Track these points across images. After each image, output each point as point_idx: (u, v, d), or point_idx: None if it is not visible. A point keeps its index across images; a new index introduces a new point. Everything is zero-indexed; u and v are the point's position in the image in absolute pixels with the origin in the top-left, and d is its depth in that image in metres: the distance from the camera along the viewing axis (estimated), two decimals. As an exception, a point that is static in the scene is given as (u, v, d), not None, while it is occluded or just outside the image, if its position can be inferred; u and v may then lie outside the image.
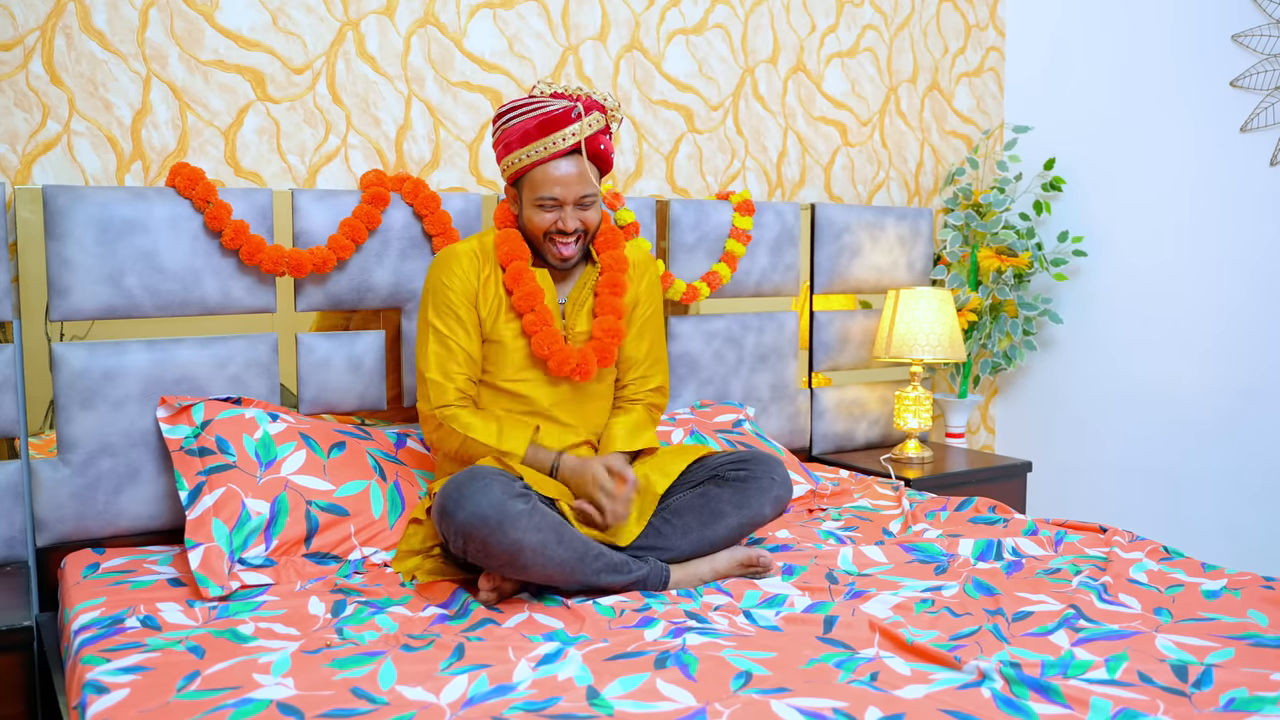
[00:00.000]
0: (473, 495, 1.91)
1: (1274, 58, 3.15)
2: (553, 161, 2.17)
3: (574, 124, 2.15)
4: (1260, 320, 3.22)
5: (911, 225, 3.49)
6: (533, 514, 1.92)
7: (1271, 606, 1.96)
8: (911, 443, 3.27)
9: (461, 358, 2.23)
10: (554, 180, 2.17)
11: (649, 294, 2.41)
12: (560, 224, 2.20)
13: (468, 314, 2.24)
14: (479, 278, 2.25)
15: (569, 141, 2.16)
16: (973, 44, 3.82)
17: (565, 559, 1.94)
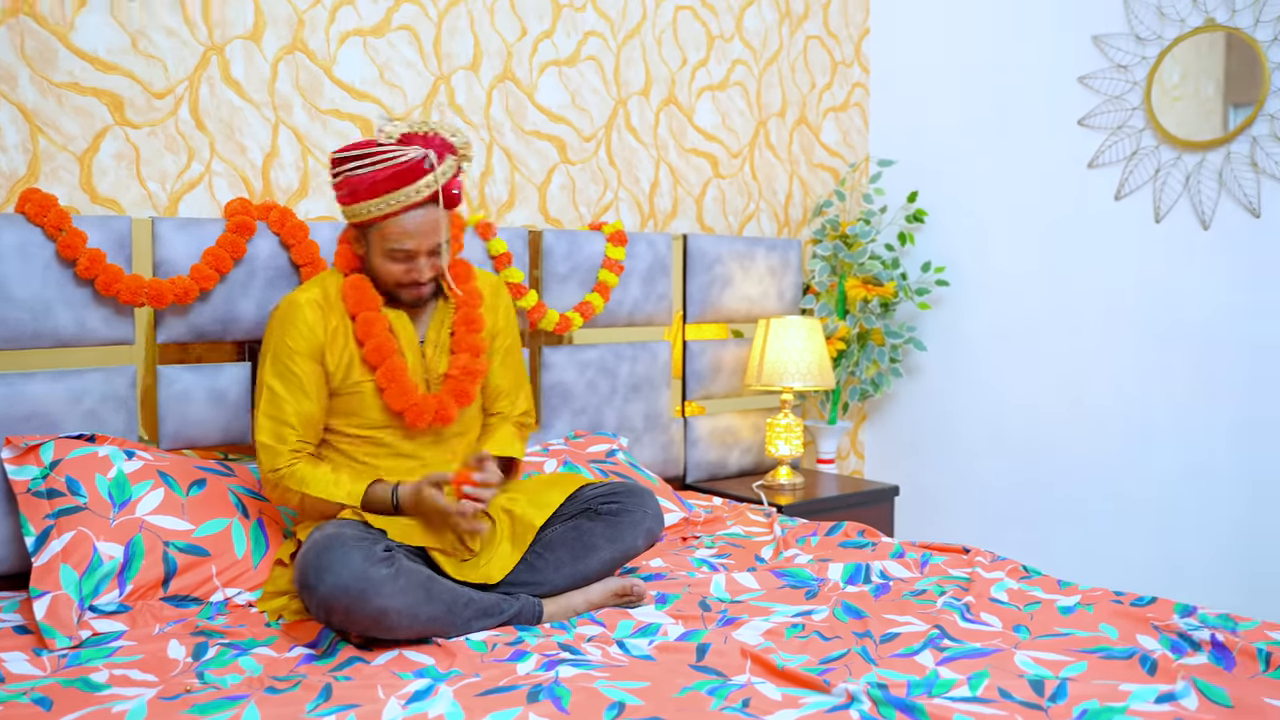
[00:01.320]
0: (333, 566, 1.84)
1: (1116, 99, 3.32)
2: (407, 213, 2.12)
3: (428, 175, 2.10)
4: (1108, 345, 3.38)
5: (781, 256, 3.57)
6: (397, 577, 1.87)
7: (1121, 619, 2.05)
8: (783, 469, 3.32)
9: (296, 422, 2.15)
10: (408, 233, 2.11)
11: (506, 323, 2.41)
12: (414, 274, 2.16)
13: (310, 373, 2.15)
14: (326, 330, 2.17)
15: (423, 194, 2.11)
16: (839, 80, 3.93)
17: (435, 614, 1.91)
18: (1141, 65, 3.26)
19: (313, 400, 2.16)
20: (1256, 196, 3.06)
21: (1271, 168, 3.02)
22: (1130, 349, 3.35)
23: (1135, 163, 3.29)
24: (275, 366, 2.16)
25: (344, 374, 2.18)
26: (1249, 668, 1.80)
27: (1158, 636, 1.95)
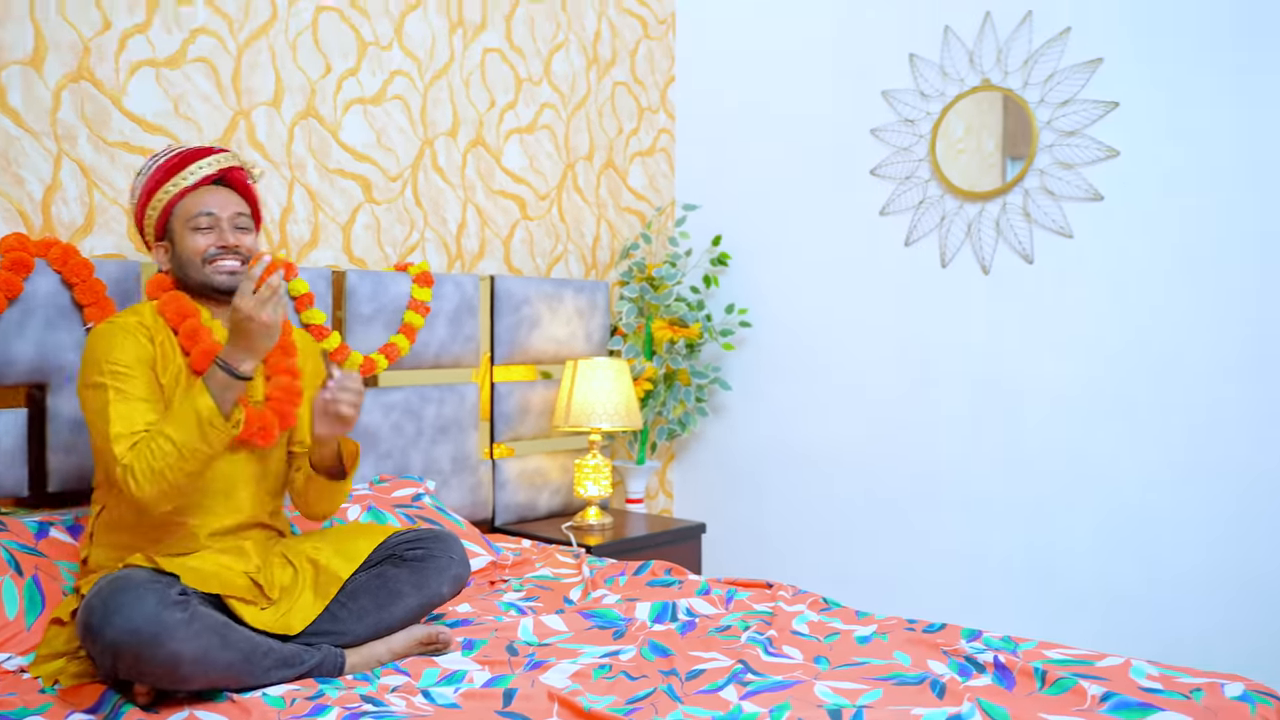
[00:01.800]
0: (123, 608, 1.73)
1: (904, 150, 3.51)
2: (201, 188, 2.17)
3: (216, 154, 2.19)
4: (899, 383, 3.55)
5: (589, 297, 3.60)
6: (192, 622, 1.77)
7: (913, 646, 2.14)
8: (592, 510, 3.34)
9: (144, 408, 2.01)
10: (207, 201, 2.16)
11: (315, 373, 2.35)
12: (221, 240, 2.13)
13: (146, 378, 2.04)
14: (154, 343, 2.08)
15: (214, 167, 2.18)
16: (645, 125, 4.02)
17: (231, 662, 1.82)
18: (926, 120, 3.46)
19: (152, 405, 2.03)
20: (1029, 244, 3.28)
21: (1041, 218, 3.25)
22: (919, 386, 3.52)
23: (923, 211, 3.49)
24: (109, 372, 2.01)
25: (174, 386, 2.08)
26: (1027, 686, 1.91)
27: (946, 661, 2.05)
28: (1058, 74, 3.21)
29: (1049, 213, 3.24)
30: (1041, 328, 3.28)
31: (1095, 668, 2.01)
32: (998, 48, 3.32)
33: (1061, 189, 3.21)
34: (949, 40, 3.41)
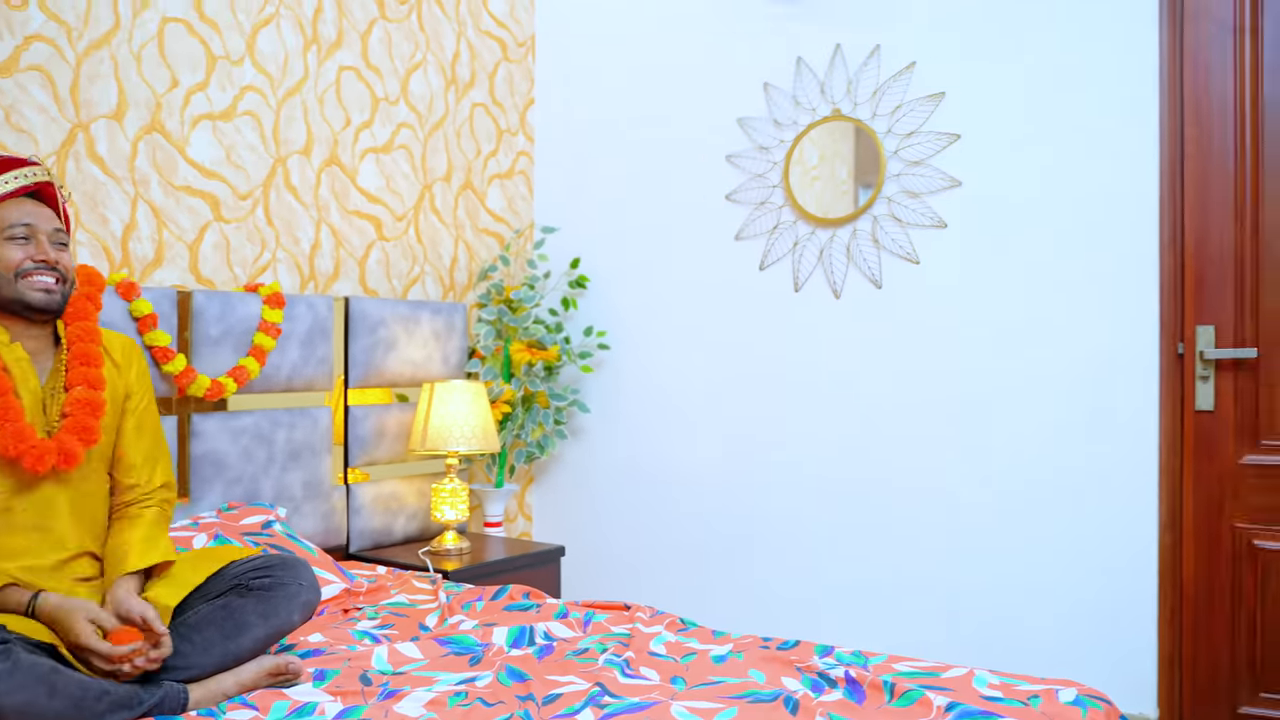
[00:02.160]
0: None
1: (759, 177, 3.59)
2: (16, 198, 2.07)
3: (30, 165, 2.09)
4: (754, 405, 3.62)
5: (446, 319, 3.56)
6: (13, 672, 1.66)
7: (768, 664, 2.17)
8: (450, 534, 3.29)
9: None
10: (23, 211, 2.05)
11: (140, 385, 2.22)
12: (40, 254, 2.03)
13: None
14: None
15: (32, 179, 2.08)
16: (504, 147, 4.01)
17: (61, 711, 1.71)
18: (780, 147, 3.55)
19: None
20: (878, 269, 3.39)
21: (889, 244, 3.37)
22: (773, 408, 3.59)
23: (776, 236, 3.57)
24: None
25: None
26: (877, 699, 1.96)
27: (800, 678, 2.09)
28: (904, 106, 3.34)
29: (897, 239, 3.36)
30: (890, 351, 3.39)
31: (941, 679, 2.07)
32: (848, 79, 3.43)
33: (908, 216, 3.34)
34: (801, 70, 3.51)
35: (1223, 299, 2.99)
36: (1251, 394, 2.97)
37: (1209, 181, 3.00)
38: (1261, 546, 2.96)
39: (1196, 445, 3.02)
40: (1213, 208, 3.00)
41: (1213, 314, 3.00)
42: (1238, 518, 2.99)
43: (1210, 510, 3.01)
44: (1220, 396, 3.00)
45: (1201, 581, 3.03)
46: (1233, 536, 2.99)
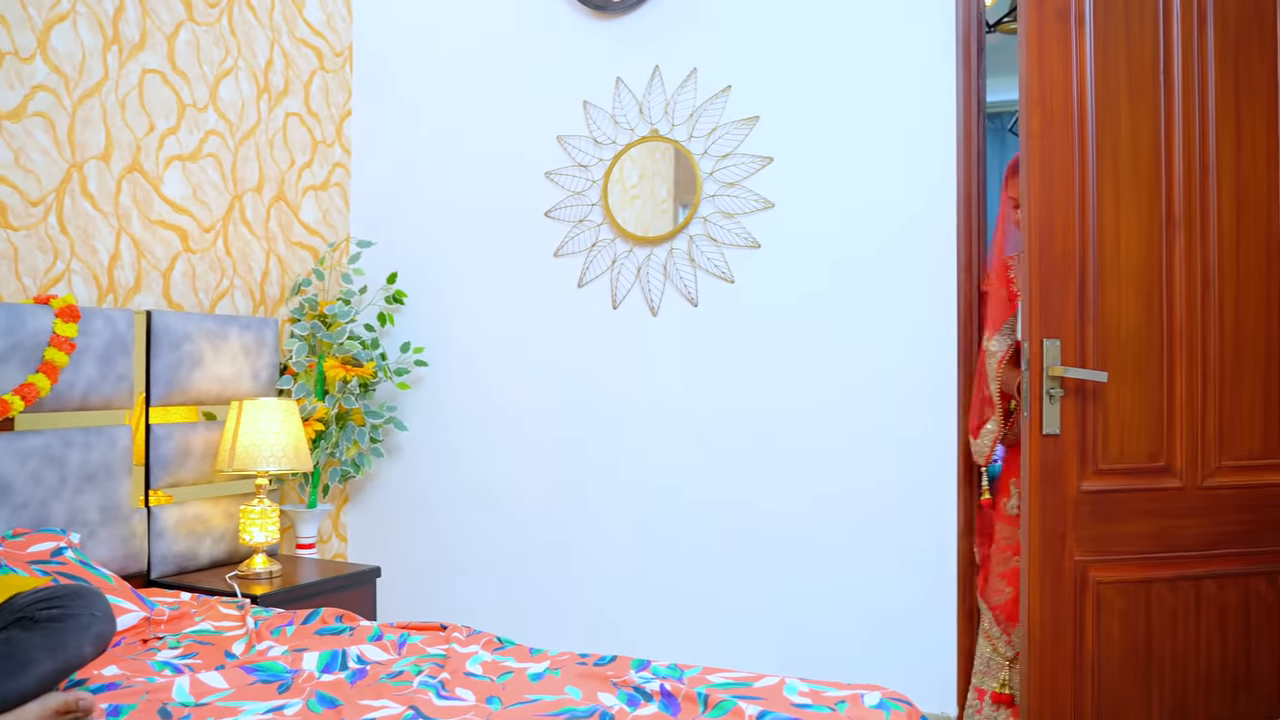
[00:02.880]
0: None
1: (578, 194, 3.62)
2: None
3: None
4: (571, 422, 3.63)
5: (257, 335, 3.44)
6: None
7: (585, 680, 2.18)
8: (259, 557, 3.18)
9: None
10: None
11: None
12: None
13: None
14: None
15: None
16: (320, 159, 3.91)
17: None
18: (599, 166, 3.59)
19: None
20: (694, 287, 3.46)
21: (705, 263, 3.44)
22: (591, 425, 3.62)
23: (595, 253, 3.60)
24: None
25: None
26: (691, 711, 1.99)
27: (616, 693, 2.10)
28: (720, 128, 3.42)
29: (712, 258, 3.43)
30: (706, 368, 3.46)
31: (754, 688, 2.12)
32: (666, 100, 3.49)
33: (724, 236, 3.42)
34: (621, 90, 3.56)
35: (1065, 310, 2.72)
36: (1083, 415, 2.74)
37: (1053, 186, 2.73)
38: (1096, 579, 2.74)
39: (1044, 472, 2.72)
40: (1055, 214, 2.72)
41: (1056, 327, 2.71)
42: (1079, 550, 2.73)
43: (1054, 541, 2.72)
44: (1065, 418, 2.72)
45: (1048, 617, 2.72)
46: (1074, 570, 2.73)
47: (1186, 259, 2.83)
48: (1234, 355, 2.87)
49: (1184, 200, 2.83)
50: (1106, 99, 2.81)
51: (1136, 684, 2.79)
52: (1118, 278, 2.79)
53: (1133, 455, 2.79)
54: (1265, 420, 2.90)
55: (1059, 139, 2.77)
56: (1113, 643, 2.78)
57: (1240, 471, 2.87)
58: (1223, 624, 2.85)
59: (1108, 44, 2.80)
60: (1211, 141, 2.86)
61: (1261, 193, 2.89)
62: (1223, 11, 2.87)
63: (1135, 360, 2.79)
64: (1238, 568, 2.85)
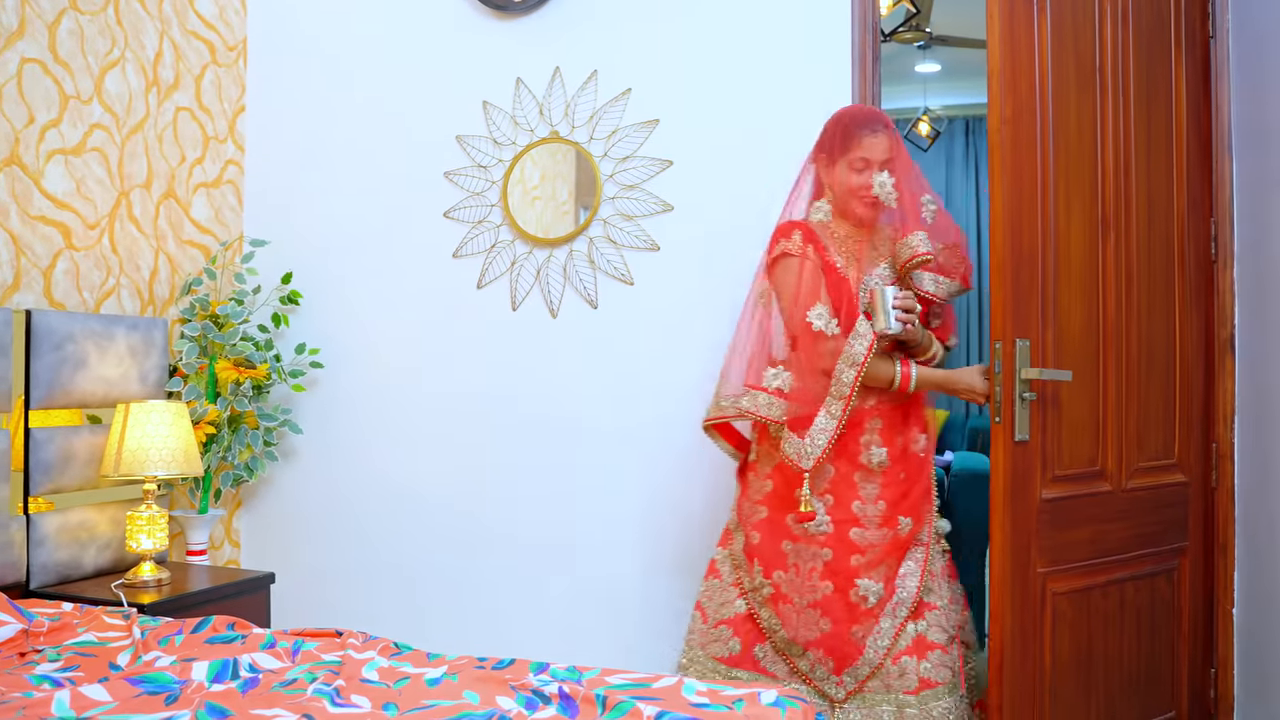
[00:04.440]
0: None
1: (478, 195, 3.59)
2: None
3: None
4: (472, 425, 3.61)
5: (145, 335, 3.34)
6: None
7: (483, 684, 2.16)
8: (147, 565, 3.08)
9: None
10: None
11: None
12: None
13: None
14: None
15: None
16: (212, 155, 3.81)
17: None
18: (499, 166, 3.56)
19: None
20: (594, 289, 3.47)
21: (605, 265, 3.45)
22: (491, 428, 3.59)
23: (494, 255, 3.58)
24: None
25: None
26: (590, 713, 1.99)
27: (514, 696, 2.09)
28: (621, 131, 3.43)
29: (612, 260, 3.44)
30: (605, 370, 3.46)
31: (652, 689, 2.13)
32: (566, 102, 3.49)
33: (623, 239, 3.43)
34: (521, 91, 3.54)
35: (1030, 310, 2.57)
36: (1044, 420, 2.60)
37: (1022, 177, 2.56)
38: (1053, 591, 2.61)
39: (1014, 481, 2.53)
40: (1024, 206, 2.57)
41: (1026, 327, 2.55)
42: (1041, 562, 2.59)
43: (1019, 554, 2.55)
44: (1033, 424, 2.56)
45: (1017, 635, 2.54)
46: (1040, 584, 2.59)
47: (1115, 260, 2.75)
48: (1147, 357, 2.83)
49: (1113, 201, 2.75)
50: (1060, 90, 2.64)
51: (1079, 692, 2.68)
52: (1069, 277, 2.64)
53: (1078, 460, 2.67)
54: (1166, 421, 2.91)
55: (1025, 128, 2.57)
56: (1064, 654, 2.64)
57: (1150, 473, 2.85)
58: (1138, 625, 2.81)
59: (1061, 32, 2.64)
60: (1131, 143, 2.80)
61: (1166, 197, 2.90)
62: (1139, 14, 2.82)
63: (1080, 362, 2.66)
64: (1148, 568, 2.84)
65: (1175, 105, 2.96)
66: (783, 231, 2.69)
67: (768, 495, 2.66)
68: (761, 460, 2.70)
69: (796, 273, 2.61)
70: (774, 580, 2.59)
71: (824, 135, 2.73)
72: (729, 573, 2.68)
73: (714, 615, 2.66)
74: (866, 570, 2.57)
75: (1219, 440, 3.04)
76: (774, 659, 2.61)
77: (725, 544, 2.73)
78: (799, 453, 2.55)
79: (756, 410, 2.60)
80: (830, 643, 2.55)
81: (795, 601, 2.57)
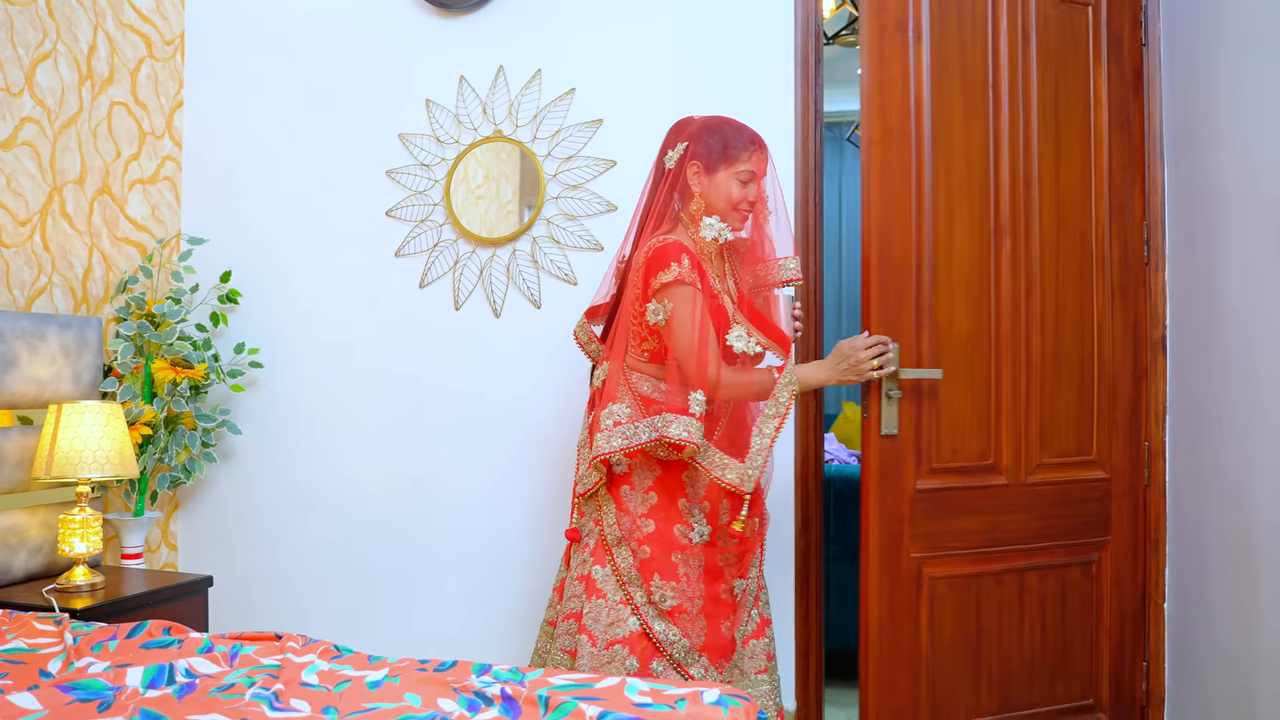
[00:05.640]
0: None
1: (420, 194, 3.57)
2: None
3: None
4: (416, 425, 3.58)
5: (78, 335, 3.28)
6: None
7: (425, 686, 2.15)
8: (80, 569, 3.02)
9: None
10: None
11: None
12: None
13: None
14: None
15: None
16: (148, 151, 3.74)
17: None
18: (442, 165, 3.54)
19: None
20: (537, 289, 3.46)
21: (548, 265, 3.44)
22: (434, 427, 3.57)
23: (437, 254, 3.55)
24: None
25: None
26: (532, 714, 1.99)
27: (456, 698, 2.08)
28: (564, 130, 3.43)
29: (555, 260, 3.43)
30: (548, 370, 3.46)
31: (594, 689, 2.13)
32: (510, 101, 3.48)
33: (567, 238, 3.42)
34: (464, 90, 3.52)
35: (902, 314, 2.86)
36: (919, 416, 2.88)
37: (892, 192, 2.87)
38: (931, 575, 2.90)
39: (883, 472, 2.84)
40: (894, 220, 2.87)
41: (895, 330, 2.84)
42: (914, 548, 2.89)
43: (891, 541, 2.86)
44: (903, 419, 2.86)
45: (886, 616, 2.86)
46: (913, 568, 2.89)
47: (1012, 266, 2.95)
48: (1054, 358, 3.01)
49: (1010, 209, 2.95)
50: (941, 110, 2.90)
51: (967, 674, 2.90)
52: (950, 283, 2.89)
53: (965, 454, 2.91)
54: (1080, 419, 3.07)
55: (897, 148, 2.87)
56: (944, 636, 2.90)
57: (1059, 469, 3.03)
58: (1043, 614, 2.99)
59: (944, 57, 2.90)
60: (1035, 154, 2.98)
61: (1078, 205, 3.06)
62: (1045, 31, 3.01)
63: (967, 363, 2.90)
64: (1059, 559, 3.01)
65: (1095, 113, 3.11)
66: (672, 254, 2.50)
67: (653, 508, 2.58)
68: (637, 473, 2.59)
69: (692, 302, 2.48)
70: (673, 592, 2.55)
71: (697, 143, 2.59)
72: (614, 590, 2.57)
73: (604, 636, 2.55)
74: (729, 568, 2.60)
75: (1151, 439, 3.12)
76: (671, 673, 2.55)
77: (602, 562, 2.58)
78: (741, 477, 2.49)
79: (690, 437, 2.45)
80: (714, 642, 2.59)
81: (689, 610, 2.56)
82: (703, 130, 2.60)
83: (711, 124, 2.61)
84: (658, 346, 2.55)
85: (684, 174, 2.59)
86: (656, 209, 2.62)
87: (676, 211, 2.64)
